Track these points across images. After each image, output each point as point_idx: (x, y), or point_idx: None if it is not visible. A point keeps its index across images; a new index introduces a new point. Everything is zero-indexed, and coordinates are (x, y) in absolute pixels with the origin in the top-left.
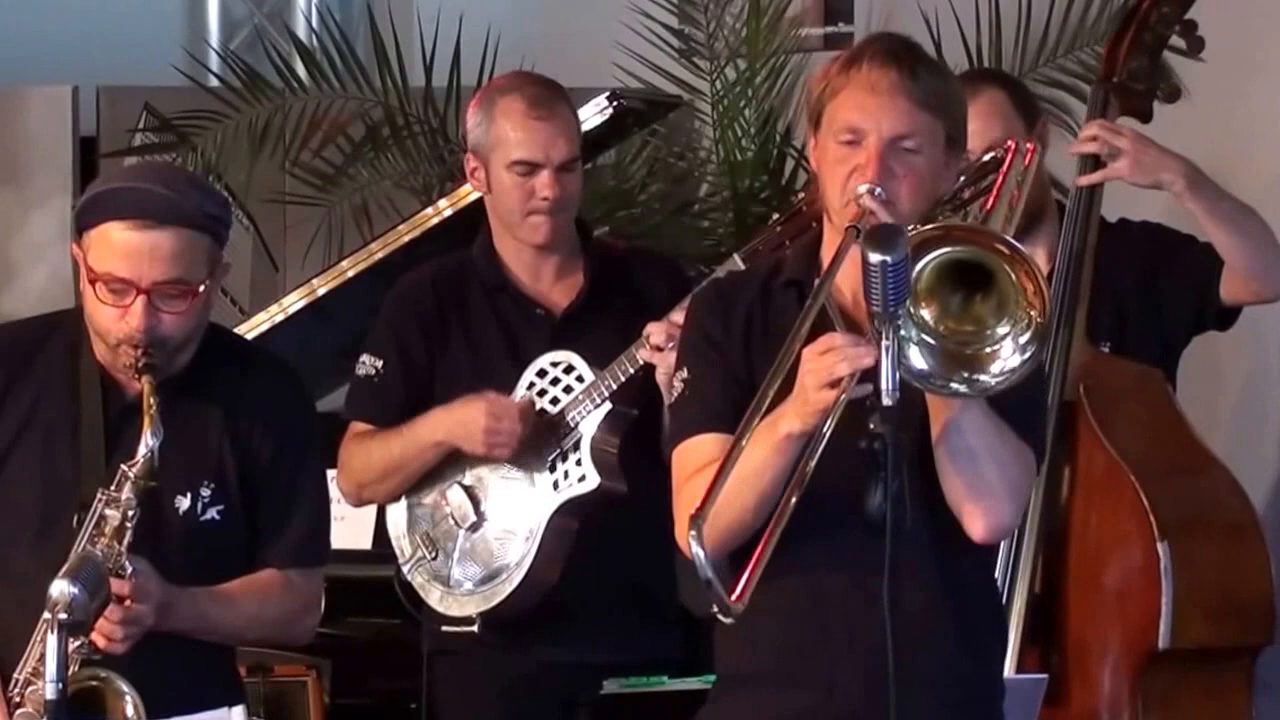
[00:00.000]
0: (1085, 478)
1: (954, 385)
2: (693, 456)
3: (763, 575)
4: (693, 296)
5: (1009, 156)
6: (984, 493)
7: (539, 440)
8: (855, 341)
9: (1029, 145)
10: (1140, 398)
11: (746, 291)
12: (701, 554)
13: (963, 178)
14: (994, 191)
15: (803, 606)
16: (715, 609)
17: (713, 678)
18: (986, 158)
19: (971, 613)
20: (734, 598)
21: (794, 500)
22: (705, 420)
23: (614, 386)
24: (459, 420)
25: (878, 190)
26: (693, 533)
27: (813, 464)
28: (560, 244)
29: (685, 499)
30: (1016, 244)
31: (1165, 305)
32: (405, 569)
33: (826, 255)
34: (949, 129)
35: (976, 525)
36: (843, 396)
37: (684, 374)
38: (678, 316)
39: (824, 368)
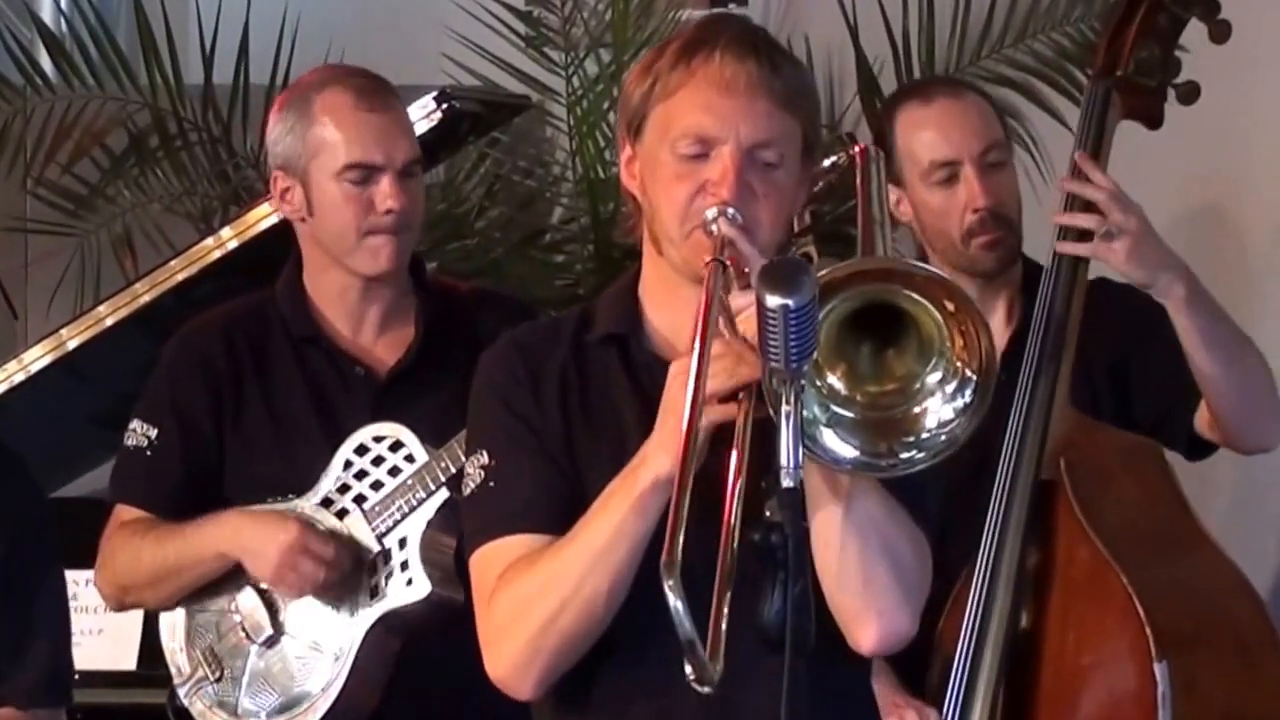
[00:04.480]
0: (1064, 578)
1: (904, 456)
2: (501, 563)
3: (595, 697)
4: (484, 357)
5: (860, 163)
6: (877, 595)
7: (353, 542)
8: (742, 351)
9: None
10: (1133, 475)
11: (555, 351)
12: (680, 607)
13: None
14: (861, 214)
15: None
16: (693, 676)
17: None
18: (826, 163)
19: None
20: (709, 655)
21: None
22: (516, 517)
23: (451, 470)
24: (257, 543)
25: (732, 213)
26: (670, 582)
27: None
28: (396, 278)
29: (497, 616)
30: (964, 294)
31: (1132, 399)
32: (182, 692)
33: (649, 298)
34: (807, 132)
35: (867, 635)
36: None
37: (483, 458)
38: None
39: (718, 371)
